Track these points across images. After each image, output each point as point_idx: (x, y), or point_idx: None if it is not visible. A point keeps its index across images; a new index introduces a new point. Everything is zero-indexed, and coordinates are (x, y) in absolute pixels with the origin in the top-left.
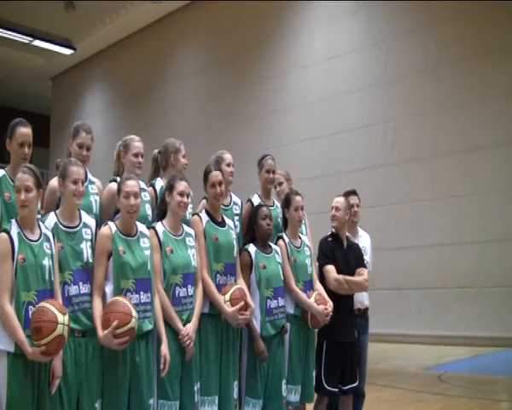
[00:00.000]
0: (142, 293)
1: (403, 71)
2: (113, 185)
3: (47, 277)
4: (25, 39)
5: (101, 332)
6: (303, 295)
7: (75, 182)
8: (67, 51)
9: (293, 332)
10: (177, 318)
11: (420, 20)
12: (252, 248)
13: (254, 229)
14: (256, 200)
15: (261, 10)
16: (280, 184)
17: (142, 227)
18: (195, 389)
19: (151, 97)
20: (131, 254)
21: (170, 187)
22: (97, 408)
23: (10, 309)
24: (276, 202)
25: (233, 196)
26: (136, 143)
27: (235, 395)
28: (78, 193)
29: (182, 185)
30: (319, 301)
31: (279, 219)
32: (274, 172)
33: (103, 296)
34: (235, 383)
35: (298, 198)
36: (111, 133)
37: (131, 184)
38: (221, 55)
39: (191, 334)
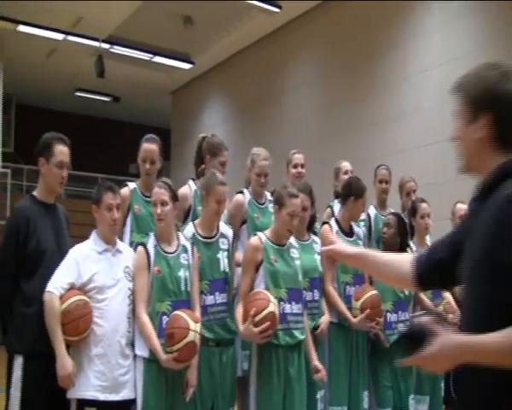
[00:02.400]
0: (293, 303)
1: None
2: (240, 197)
3: (182, 287)
4: (146, 56)
5: (241, 327)
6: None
7: (218, 202)
8: (186, 66)
9: None
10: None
11: None
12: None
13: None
14: (372, 211)
15: (378, 16)
16: (414, 191)
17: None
18: (318, 397)
19: (269, 107)
20: (283, 264)
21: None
22: None
23: (146, 318)
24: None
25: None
26: (260, 163)
27: (366, 406)
28: (220, 212)
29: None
30: (448, 310)
31: None
32: (387, 181)
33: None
34: (365, 393)
35: (424, 205)
36: (230, 145)
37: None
38: (338, 63)
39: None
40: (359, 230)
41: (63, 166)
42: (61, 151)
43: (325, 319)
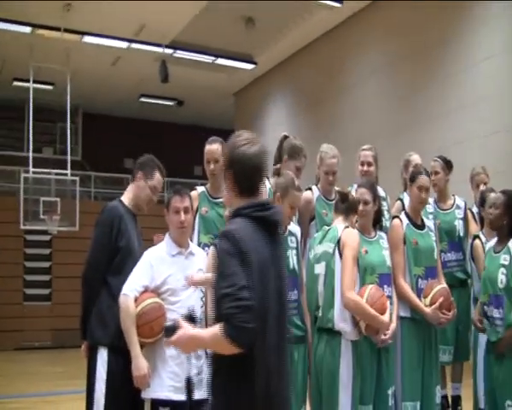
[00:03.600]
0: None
1: None
2: (308, 193)
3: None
4: (208, 59)
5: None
6: None
7: (292, 207)
8: (249, 66)
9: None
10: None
11: None
12: None
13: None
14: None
15: (440, 7)
16: (485, 184)
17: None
18: (389, 392)
19: (331, 104)
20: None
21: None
22: None
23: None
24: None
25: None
26: (328, 161)
27: (438, 401)
28: (292, 216)
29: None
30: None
31: (455, 223)
32: (437, 173)
33: None
34: (438, 388)
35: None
36: None
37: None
38: (399, 56)
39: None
40: (431, 222)
41: (155, 192)
42: (159, 180)
43: (392, 326)
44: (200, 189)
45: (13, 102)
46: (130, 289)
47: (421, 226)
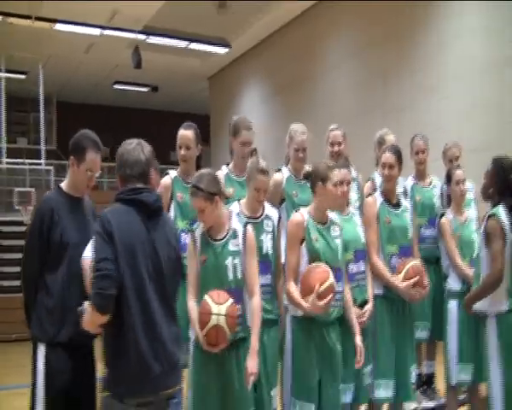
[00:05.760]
0: (336, 282)
1: None
2: (278, 175)
3: (230, 276)
4: (182, 44)
5: (304, 303)
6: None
7: (258, 190)
8: (223, 50)
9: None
10: None
11: None
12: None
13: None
14: (409, 182)
15: None
16: (457, 158)
17: (332, 215)
18: (365, 371)
19: (305, 87)
20: (324, 243)
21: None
22: (273, 396)
23: (192, 304)
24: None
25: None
26: (298, 138)
27: (413, 380)
28: (260, 199)
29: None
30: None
31: (434, 200)
32: (423, 151)
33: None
34: (413, 366)
35: (459, 172)
36: (269, 126)
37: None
38: (371, 40)
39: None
40: (407, 201)
41: (93, 172)
42: (93, 160)
43: (369, 307)
44: (173, 173)
45: None
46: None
47: (396, 205)
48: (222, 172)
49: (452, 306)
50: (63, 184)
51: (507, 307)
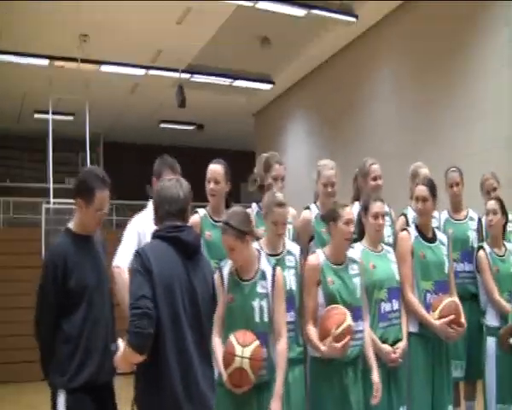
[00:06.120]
0: (355, 322)
1: None
2: (306, 213)
3: (257, 318)
4: (226, 81)
5: (322, 346)
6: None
7: (276, 223)
8: (267, 86)
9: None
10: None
11: None
12: None
13: None
14: (443, 215)
15: (454, 17)
16: (494, 189)
17: (351, 253)
18: None
19: (350, 119)
20: (341, 283)
21: (365, 208)
22: None
23: (217, 341)
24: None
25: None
26: (326, 173)
27: None
28: (280, 233)
29: (376, 207)
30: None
31: (468, 233)
32: (458, 184)
33: None
34: (450, 407)
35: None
36: (315, 159)
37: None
38: (419, 65)
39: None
40: (443, 236)
41: (102, 210)
42: (102, 199)
43: (403, 345)
44: (202, 212)
45: (35, 134)
46: (123, 259)
47: (432, 239)
48: (252, 211)
49: (490, 343)
50: (71, 225)
51: None
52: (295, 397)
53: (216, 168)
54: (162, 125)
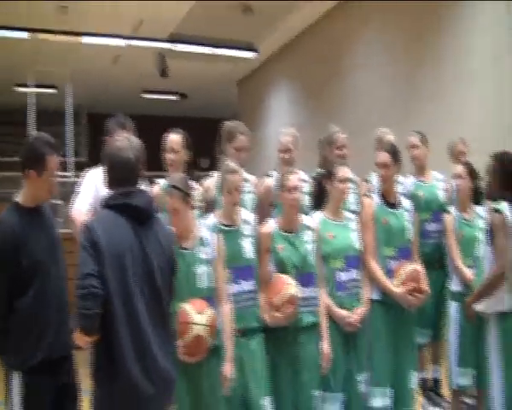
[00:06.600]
0: (303, 288)
1: None
2: (268, 180)
3: (200, 284)
4: (208, 50)
5: (266, 316)
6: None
7: (229, 192)
8: (251, 55)
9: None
10: None
11: None
12: None
13: None
14: (409, 180)
15: None
16: (463, 154)
17: (307, 220)
18: (359, 379)
19: (334, 86)
20: (292, 250)
21: (330, 175)
22: (265, 405)
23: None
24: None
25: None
26: (281, 139)
27: (413, 386)
28: (234, 202)
29: (342, 171)
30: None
31: (437, 192)
32: (417, 146)
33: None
34: (413, 372)
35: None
36: (298, 128)
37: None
38: (404, 33)
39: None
40: (407, 201)
41: (54, 176)
42: (54, 165)
43: (361, 310)
44: (162, 182)
45: (18, 108)
46: (82, 203)
47: (395, 205)
48: (211, 181)
49: (453, 307)
50: (19, 199)
51: (508, 307)
52: (256, 365)
53: (173, 138)
54: (145, 96)
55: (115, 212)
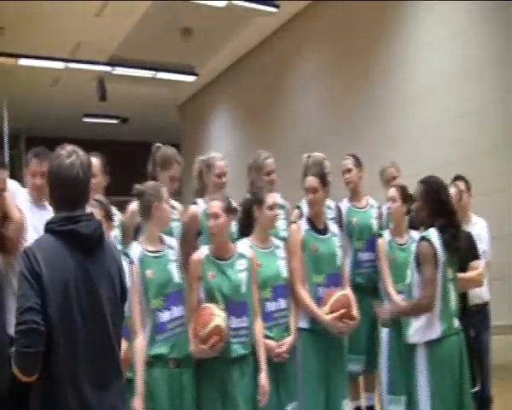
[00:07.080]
0: (232, 317)
1: None
2: (194, 208)
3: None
4: (149, 74)
5: (191, 346)
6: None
7: (159, 220)
8: (191, 78)
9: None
10: None
11: None
12: None
13: None
14: (344, 204)
15: (375, 10)
16: (394, 178)
17: (241, 248)
18: (288, 409)
19: (274, 110)
20: (224, 278)
21: (259, 201)
22: None
23: None
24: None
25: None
26: (218, 163)
27: None
28: (159, 227)
29: (272, 197)
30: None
31: (371, 221)
32: (350, 170)
33: None
34: (345, 401)
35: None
36: (238, 152)
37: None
38: (340, 57)
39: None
40: (335, 226)
41: (3, 191)
42: (2, 179)
43: (289, 340)
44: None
45: None
46: None
47: (323, 231)
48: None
49: (384, 333)
50: None
51: (438, 335)
52: (189, 399)
53: (95, 162)
54: (86, 119)
55: (59, 239)
